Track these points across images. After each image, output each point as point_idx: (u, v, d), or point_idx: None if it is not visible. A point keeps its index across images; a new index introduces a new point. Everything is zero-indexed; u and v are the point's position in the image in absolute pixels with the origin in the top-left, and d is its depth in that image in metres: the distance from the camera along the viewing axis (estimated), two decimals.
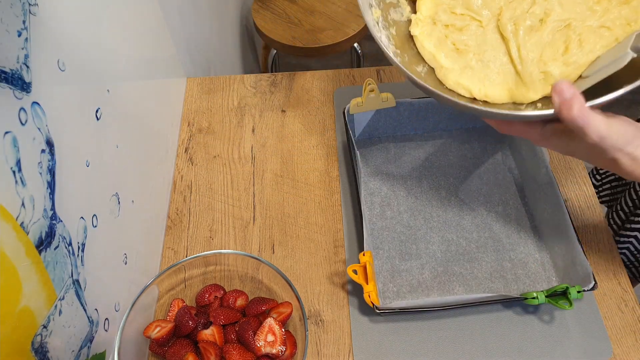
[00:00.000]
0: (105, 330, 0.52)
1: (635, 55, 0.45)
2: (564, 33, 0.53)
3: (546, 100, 0.52)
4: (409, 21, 0.59)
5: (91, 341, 0.49)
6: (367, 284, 0.59)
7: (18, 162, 0.37)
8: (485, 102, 0.55)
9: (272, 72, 1.53)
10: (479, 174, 0.77)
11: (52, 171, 0.42)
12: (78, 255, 0.46)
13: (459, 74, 0.55)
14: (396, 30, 0.59)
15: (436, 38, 0.57)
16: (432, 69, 0.57)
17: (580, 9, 0.53)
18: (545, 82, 0.52)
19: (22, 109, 0.38)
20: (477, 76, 0.55)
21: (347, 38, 1.36)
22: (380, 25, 0.57)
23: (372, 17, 0.56)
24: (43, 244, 0.40)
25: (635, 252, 0.72)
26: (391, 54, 0.52)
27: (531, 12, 0.54)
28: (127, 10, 0.61)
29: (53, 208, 0.42)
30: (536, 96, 0.52)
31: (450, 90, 0.56)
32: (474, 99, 0.55)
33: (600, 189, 0.88)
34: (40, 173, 0.40)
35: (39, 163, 0.40)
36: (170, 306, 0.61)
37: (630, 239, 0.73)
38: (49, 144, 0.42)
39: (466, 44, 0.56)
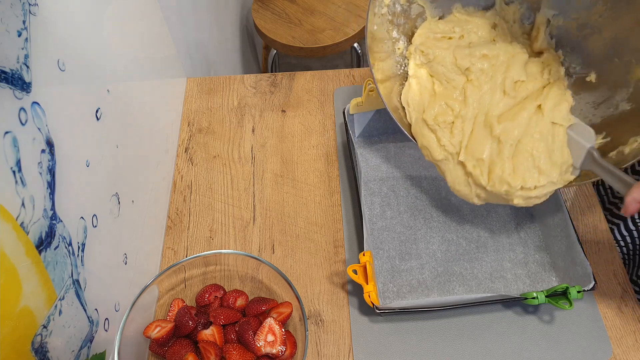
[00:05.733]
0: (105, 330, 0.52)
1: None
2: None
3: None
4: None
5: (91, 341, 0.49)
6: (367, 284, 0.59)
7: (18, 162, 0.37)
8: None
9: (272, 72, 1.53)
10: None
11: (52, 171, 0.42)
12: (78, 255, 0.46)
13: None
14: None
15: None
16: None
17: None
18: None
19: (22, 109, 0.38)
20: None
21: (347, 38, 1.36)
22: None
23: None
24: (43, 244, 0.40)
25: (619, 238, 0.72)
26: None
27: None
28: (127, 10, 0.61)
29: (53, 208, 0.42)
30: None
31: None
32: None
33: None
34: (40, 173, 0.40)
35: (39, 163, 0.40)
36: (170, 306, 0.61)
37: (619, 222, 0.73)
38: (49, 144, 0.42)
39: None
